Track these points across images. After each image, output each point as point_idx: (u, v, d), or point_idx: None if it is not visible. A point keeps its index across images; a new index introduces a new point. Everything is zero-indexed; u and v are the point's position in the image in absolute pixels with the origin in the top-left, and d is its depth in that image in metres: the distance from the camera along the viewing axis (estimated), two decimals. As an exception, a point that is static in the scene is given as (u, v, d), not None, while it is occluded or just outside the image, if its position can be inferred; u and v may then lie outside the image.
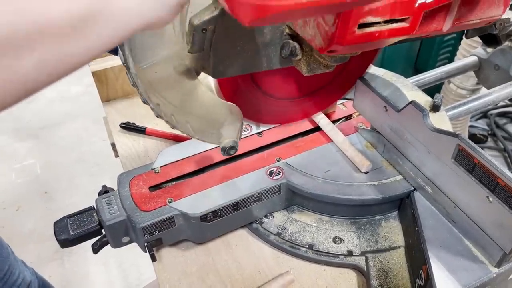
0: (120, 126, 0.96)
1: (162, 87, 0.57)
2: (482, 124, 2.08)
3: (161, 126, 0.95)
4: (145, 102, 0.57)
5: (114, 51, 0.57)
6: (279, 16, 0.34)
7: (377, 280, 0.64)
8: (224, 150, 0.64)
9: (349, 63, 0.71)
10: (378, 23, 0.46)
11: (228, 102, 0.63)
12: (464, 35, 0.81)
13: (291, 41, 0.59)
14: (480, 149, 0.55)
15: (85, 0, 0.32)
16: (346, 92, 0.82)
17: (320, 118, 0.82)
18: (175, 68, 0.57)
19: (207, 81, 0.64)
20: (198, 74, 0.60)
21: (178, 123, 0.60)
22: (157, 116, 0.59)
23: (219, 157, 0.75)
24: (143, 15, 0.35)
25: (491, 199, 0.55)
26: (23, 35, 0.30)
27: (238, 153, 0.75)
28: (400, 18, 0.47)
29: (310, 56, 0.59)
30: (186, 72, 0.58)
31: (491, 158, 0.54)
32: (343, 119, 0.86)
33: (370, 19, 0.45)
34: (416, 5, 0.46)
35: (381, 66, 0.94)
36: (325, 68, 0.60)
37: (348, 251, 0.68)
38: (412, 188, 0.70)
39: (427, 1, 0.47)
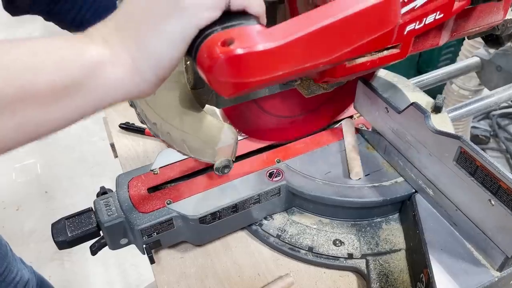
0: (119, 126, 0.95)
1: (160, 107, 0.58)
2: (484, 125, 2.07)
3: (161, 126, 0.95)
4: (142, 122, 0.58)
5: None
6: (256, 88, 0.36)
7: (378, 284, 0.63)
8: (218, 169, 0.64)
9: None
10: (369, 53, 0.46)
11: (223, 122, 0.64)
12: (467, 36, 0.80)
13: None
14: (482, 152, 0.55)
15: (71, 72, 0.33)
16: (350, 104, 0.81)
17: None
18: (181, 102, 0.58)
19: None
20: (203, 106, 0.62)
21: (174, 142, 0.61)
22: (153, 135, 0.60)
23: (219, 158, 0.75)
24: (125, 89, 0.37)
25: (493, 202, 0.54)
26: (8, 100, 0.31)
27: (238, 154, 0.75)
28: (390, 46, 0.46)
29: (310, 80, 0.60)
30: (191, 106, 0.59)
31: (494, 161, 0.54)
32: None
33: None
34: (405, 32, 0.46)
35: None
36: (325, 90, 0.61)
37: (348, 253, 0.67)
38: (413, 191, 0.69)
39: (416, 27, 0.46)
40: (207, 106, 0.64)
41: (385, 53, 0.47)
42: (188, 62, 0.57)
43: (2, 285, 1.04)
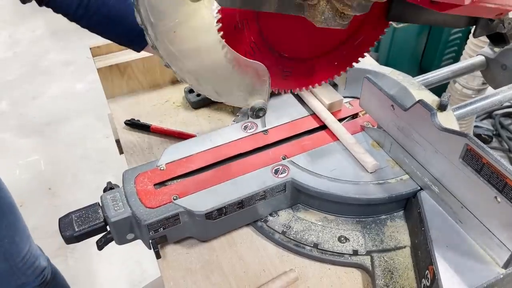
0: (124, 123, 0.95)
1: (182, 48, 0.54)
2: (487, 124, 2.07)
3: (166, 123, 0.95)
4: (166, 65, 0.55)
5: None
6: None
7: (383, 280, 0.63)
8: (253, 110, 0.61)
9: (359, 32, 0.67)
10: None
11: (254, 61, 0.60)
12: (472, 34, 0.80)
13: None
14: (489, 149, 0.55)
15: None
16: (352, 63, 0.77)
17: (327, 116, 0.82)
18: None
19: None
20: None
21: (202, 85, 0.57)
22: (180, 80, 0.56)
23: (225, 154, 0.75)
24: None
25: (499, 199, 0.54)
26: None
27: (243, 150, 0.76)
28: None
29: (327, 2, 0.56)
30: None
31: (500, 158, 0.54)
32: (349, 117, 0.85)
33: None
34: None
35: (386, 65, 0.94)
36: (341, 20, 0.56)
37: (353, 250, 0.68)
38: (419, 188, 0.70)
39: None
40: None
41: None
42: None
43: (23, 267, 1.06)
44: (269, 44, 0.68)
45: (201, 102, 0.98)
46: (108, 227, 0.66)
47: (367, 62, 1.06)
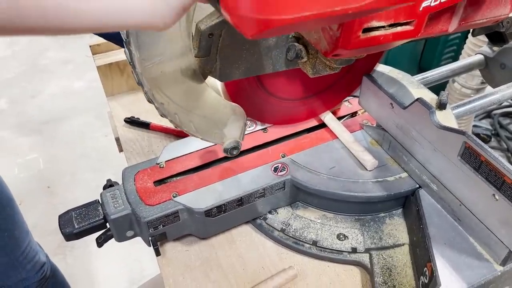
0: (124, 120, 0.96)
1: (167, 87, 0.57)
2: (485, 124, 2.07)
3: (166, 121, 0.95)
4: (150, 101, 0.58)
5: (122, 43, 0.57)
6: (282, 30, 0.34)
7: (381, 277, 0.64)
8: (226, 150, 0.64)
9: (356, 63, 0.70)
10: (383, 27, 0.46)
11: (231, 102, 0.64)
12: (470, 34, 0.81)
13: (296, 44, 0.59)
14: (487, 147, 0.55)
15: None
16: (352, 91, 0.82)
17: (326, 115, 0.82)
18: (182, 72, 0.57)
19: (212, 81, 0.64)
20: (205, 77, 0.60)
21: (182, 122, 0.61)
22: (161, 115, 0.59)
23: (224, 152, 0.75)
24: (145, 11, 0.35)
25: (497, 197, 0.55)
26: None
27: (243, 148, 0.75)
28: (404, 21, 0.47)
29: (316, 58, 0.60)
30: (193, 75, 0.58)
31: (498, 156, 0.54)
32: (348, 116, 0.86)
33: (375, 23, 0.45)
34: (421, 9, 0.46)
35: (385, 64, 0.94)
36: (331, 70, 0.60)
37: (352, 248, 0.68)
38: (417, 186, 0.70)
39: (432, 4, 0.46)
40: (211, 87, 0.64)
41: (399, 29, 0.47)
42: (194, 28, 0.57)
43: (23, 262, 1.07)
44: (267, 90, 0.74)
45: (201, 100, 0.99)
46: (107, 224, 0.67)
47: (366, 61, 1.06)
